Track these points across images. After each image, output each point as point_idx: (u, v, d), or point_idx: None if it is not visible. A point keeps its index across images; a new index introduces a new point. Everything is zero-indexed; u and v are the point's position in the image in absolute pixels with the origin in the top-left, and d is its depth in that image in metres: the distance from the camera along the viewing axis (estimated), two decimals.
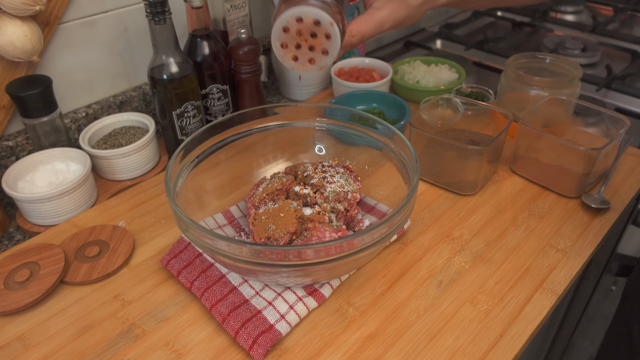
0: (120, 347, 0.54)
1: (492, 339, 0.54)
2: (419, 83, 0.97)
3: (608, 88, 1.12)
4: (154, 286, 0.61)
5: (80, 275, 0.62)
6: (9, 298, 0.58)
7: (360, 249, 0.50)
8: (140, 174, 0.80)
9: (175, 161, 0.58)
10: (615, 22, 1.46)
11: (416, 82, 0.98)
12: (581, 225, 0.69)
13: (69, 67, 0.80)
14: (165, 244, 0.67)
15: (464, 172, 0.72)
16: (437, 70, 0.99)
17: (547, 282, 0.60)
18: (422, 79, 0.98)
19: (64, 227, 0.70)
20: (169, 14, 0.71)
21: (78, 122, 0.81)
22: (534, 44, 1.37)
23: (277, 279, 0.54)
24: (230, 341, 0.55)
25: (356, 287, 0.60)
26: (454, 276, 0.61)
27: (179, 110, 0.76)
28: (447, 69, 1.01)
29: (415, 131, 0.73)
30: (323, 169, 0.67)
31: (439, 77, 0.98)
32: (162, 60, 0.74)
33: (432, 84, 0.97)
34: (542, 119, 0.78)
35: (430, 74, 0.98)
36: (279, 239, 0.57)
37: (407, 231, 0.68)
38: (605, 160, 0.73)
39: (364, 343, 0.54)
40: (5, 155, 0.75)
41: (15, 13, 0.65)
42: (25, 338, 0.56)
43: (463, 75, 0.98)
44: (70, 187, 0.69)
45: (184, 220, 0.51)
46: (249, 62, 0.81)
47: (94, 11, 0.79)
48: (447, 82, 0.97)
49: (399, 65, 1.02)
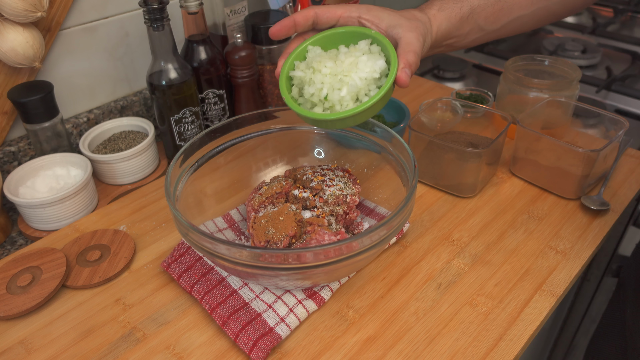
0: (122, 351, 0.55)
1: (492, 340, 0.54)
2: (326, 100, 0.54)
3: (608, 89, 1.12)
4: (154, 290, 0.62)
5: (82, 279, 0.62)
6: (11, 302, 0.59)
7: (359, 251, 0.50)
8: (140, 178, 0.80)
9: (175, 166, 0.59)
10: (615, 23, 1.46)
11: (323, 100, 0.55)
12: (580, 226, 0.69)
13: (71, 73, 0.80)
14: (166, 248, 0.68)
15: (463, 175, 0.72)
16: (351, 62, 0.54)
17: (547, 284, 0.61)
18: (330, 88, 0.54)
19: (65, 232, 0.70)
20: (167, 20, 0.71)
21: (79, 127, 0.82)
22: (534, 46, 1.37)
23: (277, 282, 0.54)
24: (231, 344, 0.55)
25: (355, 289, 0.61)
26: (454, 278, 0.62)
27: (177, 116, 0.77)
28: (367, 51, 0.56)
29: (414, 134, 0.73)
30: (322, 172, 0.67)
31: (357, 77, 0.53)
32: (161, 66, 0.74)
33: (350, 98, 0.54)
34: (541, 121, 0.79)
35: (343, 73, 0.54)
36: (279, 242, 0.58)
37: (407, 234, 0.68)
38: (604, 162, 0.73)
39: (363, 345, 0.54)
40: (7, 160, 0.75)
41: (17, 20, 0.66)
42: (27, 342, 0.56)
43: (394, 59, 0.53)
44: (71, 192, 0.69)
45: (184, 224, 0.51)
46: (245, 66, 0.81)
47: (95, 17, 0.80)
48: (372, 84, 0.54)
49: (288, 69, 0.57)
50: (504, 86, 0.84)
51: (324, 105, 0.55)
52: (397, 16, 0.57)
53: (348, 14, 0.57)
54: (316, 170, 0.68)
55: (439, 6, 0.61)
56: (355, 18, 0.57)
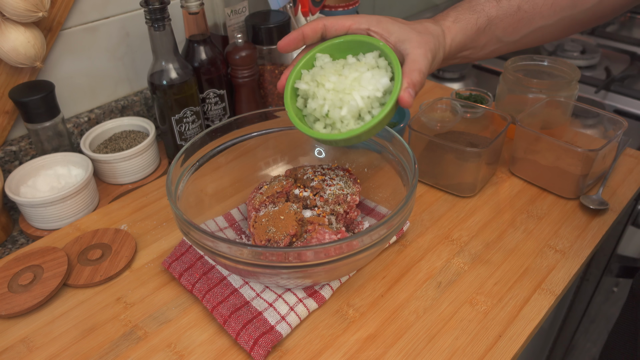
0: (123, 349, 0.55)
1: (491, 339, 0.55)
2: (328, 117, 0.54)
3: (607, 90, 1.12)
4: (155, 288, 0.62)
5: (83, 278, 0.62)
6: (13, 301, 0.59)
7: (359, 250, 0.50)
8: (141, 177, 0.81)
9: (176, 165, 0.59)
10: (614, 24, 1.47)
11: (324, 116, 0.55)
12: (579, 226, 0.69)
13: (72, 73, 0.80)
14: (167, 246, 0.68)
15: (463, 174, 0.72)
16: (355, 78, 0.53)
17: (546, 283, 0.61)
18: (332, 105, 0.54)
19: (66, 231, 0.71)
20: (168, 20, 0.72)
21: (81, 126, 0.82)
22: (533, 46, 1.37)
23: (278, 281, 0.55)
24: (231, 342, 0.55)
25: (356, 288, 0.61)
26: (453, 277, 0.62)
27: (178, 116, 0.77)
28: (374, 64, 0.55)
29: (414, 134, 0.74)
30: (323, 171, 0.67)
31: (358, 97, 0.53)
32: (162, 66, 0.74)
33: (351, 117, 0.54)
34: (540, 121, 0.79)
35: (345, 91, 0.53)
36: (279, 241, 0.58)
37: (407, 233, 0.68)
38: (603, 162, 0.73)
39: (363, 344, 0.55)
40: (8, 160, 0.76)
41: (18, 19, 0.66)
42: (28, 340, 0.56)
43: (398, 76, 0.52)
44: (72, 192, 0.70)
45: (185, 223, 0.51)
46: (245, 66, 0.82)
47: (96, 17, 0.80)
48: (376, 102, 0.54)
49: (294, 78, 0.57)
50: (504, 86, 0.85)
51: (326, 122, 0.55)
52: (407, 29, 0.54)
53: (357, 26, 0.55)
54: (317, 170, 0.68)
55: (454, 17, 0.58)
56: (364, 30, 0.55)
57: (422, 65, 0.52)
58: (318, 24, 0.55)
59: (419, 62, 0.52)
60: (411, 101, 0.51)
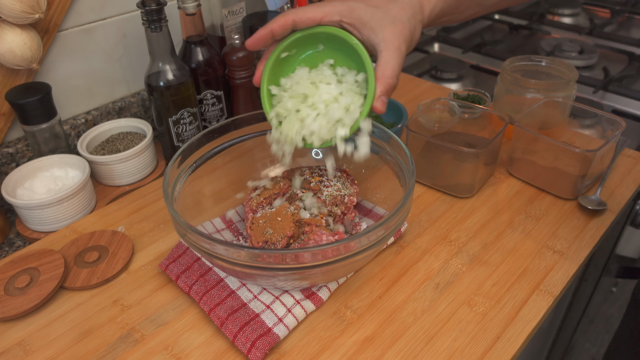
0: (120, 352, 0.55)
1: (489, 340, 0.54)
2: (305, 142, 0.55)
3: (605, 90, 1.12)
4: (153, 291, 0.62)
5: (80, 280, 0.62)
6: (9, 304, 0.59)
7: (357, 251, 0.50)
8: (139, 179, 0.81)
9: (173, 167, 0.59)
10: (612, 24, 1.47)
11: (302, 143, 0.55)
12: (578, 226, 0.69)
13: (68, 74, 0.80)
14: (164, 248, 0.68)
15: (461, 175, 0.72)
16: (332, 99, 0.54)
17: (544, 284, 0.61)
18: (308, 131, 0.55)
19: (63, 233, 0.70)
20: (165, 21, 0.72)
21: (78, 128, 0.82)
22: (531, 47, 1.38)
23: (275, 283, 0.55)
24: (229, 345, 0.55)
25: (353, 290, 0.61)
26: (451, 278, 0.62)
27: (175, 117, 0.77)
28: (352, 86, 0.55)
29: (411, 134, 0.74)
30: (320, 172, 0.67)
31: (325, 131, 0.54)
32: (159, 67, 0.74)
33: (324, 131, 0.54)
34: (538, 122, 0.79)
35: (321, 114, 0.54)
36: (277, 243, 0.58)
37: (404, 234, 0.68)
38: (601, 162, 0.73)
39: (361, 346, 0.54)
40: (5, 162, 0.75)
41: (14, 21, 0.66)
42: (25, 343, 0.56)
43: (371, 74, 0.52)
44: (69, 194, 0.69)
45: (182, 225, 0.51)
46: (243, 67, 0.81)
47: (93, 18, 0.80)
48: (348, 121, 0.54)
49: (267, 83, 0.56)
50: (501, 87, 0.85)
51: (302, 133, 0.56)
52: (380, 17, 0.52)
53: (329, 19, 0.53)
54: (314, 171, 0.68)
55: None
56: (336, 23, 0.53)
57: (394, 65, 0.52)
58: (287, 20, 0.53)
59: (391, 62, 0.52)
60: (384, 109, 0.52)
